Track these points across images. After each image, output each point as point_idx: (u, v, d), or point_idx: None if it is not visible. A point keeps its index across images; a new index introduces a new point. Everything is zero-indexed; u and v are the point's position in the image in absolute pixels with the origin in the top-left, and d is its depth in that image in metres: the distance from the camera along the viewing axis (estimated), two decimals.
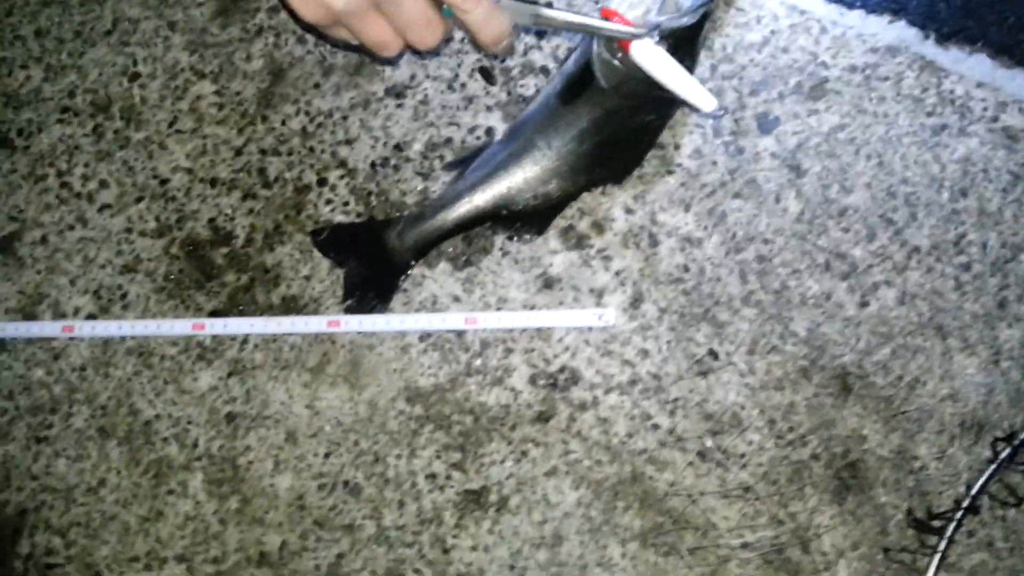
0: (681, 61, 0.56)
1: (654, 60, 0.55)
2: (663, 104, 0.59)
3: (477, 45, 0.53)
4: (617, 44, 0.56)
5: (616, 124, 0.63)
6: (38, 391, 0.69)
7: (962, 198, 0.63)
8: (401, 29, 0.49)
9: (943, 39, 0.64)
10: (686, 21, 0.57)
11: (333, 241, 0.68)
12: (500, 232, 0.67)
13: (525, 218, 0.66)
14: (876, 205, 0.64)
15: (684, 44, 0.59)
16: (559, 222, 0.66)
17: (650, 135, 0.64)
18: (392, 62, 0.67)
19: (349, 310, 0.67)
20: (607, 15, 0.55)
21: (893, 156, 0.64)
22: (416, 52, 0.52)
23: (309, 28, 0.58)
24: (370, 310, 0.66)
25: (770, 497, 0.63)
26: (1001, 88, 0.64)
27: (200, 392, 0.68)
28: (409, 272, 0.66)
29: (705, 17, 0.59)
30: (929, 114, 0.64)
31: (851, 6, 0.65)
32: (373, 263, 0.67)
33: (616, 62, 0.57)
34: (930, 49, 0.64)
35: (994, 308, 0.63)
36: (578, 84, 0.62)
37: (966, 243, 0.63)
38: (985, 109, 0.64)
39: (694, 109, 0.56)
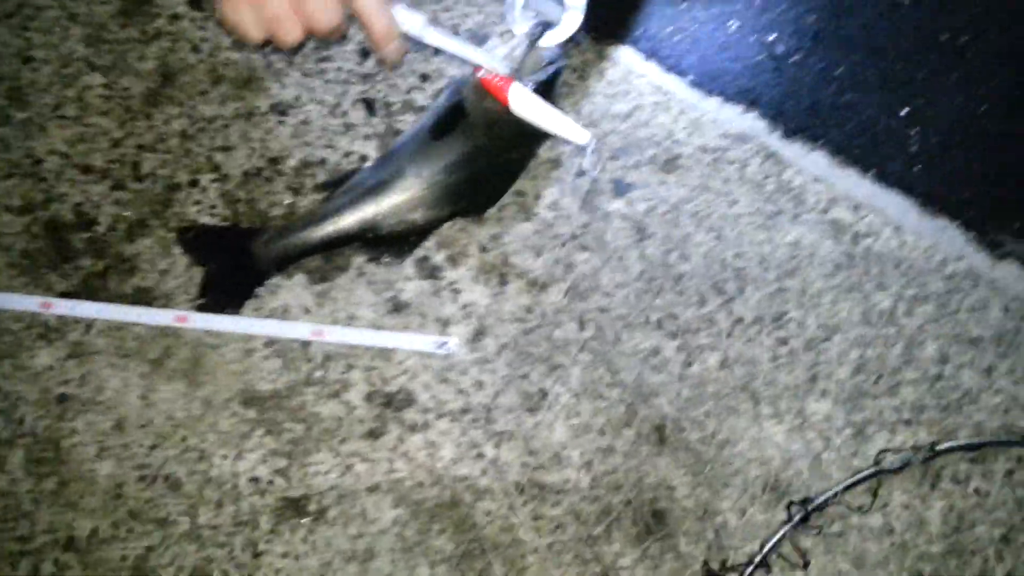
0: None
1: (531, 106, 0.97)
2: (527, 143, 1.00)
3: (370, 43, 0.92)
4: (491, 96, 0.98)
5: (484, 160, 1.03)
6: None
7: (788, 278, 1.05)
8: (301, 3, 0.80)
9: (789, 134, 1.08)
10: (543, 75, 1.00)
11: (198, 240, 1.06)
12: (363, 254, 1.06)
13: (389, 243, 1.06)
14: (709, 275, 1.05)
15: (541, 94, 1.01)
16: (416, 251, 1.06)
17: (513, 171, 1.04)
18: (294, 51, 1.07)
19: (202, 308, 1.05)
20: (484, 79, 0.97)
21: (730, 232, 1.06)
22: (319, 39, 0.89)
23: None
24: (222, 311, 1.05)
25: (579, 534, 1.01)
26: (835, 184, 1.07)
27: (36, 370, 1.05)
28: (268, 282, 1.05)
29: (558, 74, 1.02)
30: (767, 199, 1.06)
31: (710, 93, 1.08)
32: (234, 267, 1.05)
33: (487, 105, 0.99)
34: (776, 141, 1.08)
35: (804, 382, 1.03)
36: (450, 120, 1.03)
37: (786, 319, 1.04)
38: (818, 201, 1.07)
39: (573, 143, 0.97)
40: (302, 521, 0.95)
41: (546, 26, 0.97)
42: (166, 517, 0.96)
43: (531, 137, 0.94)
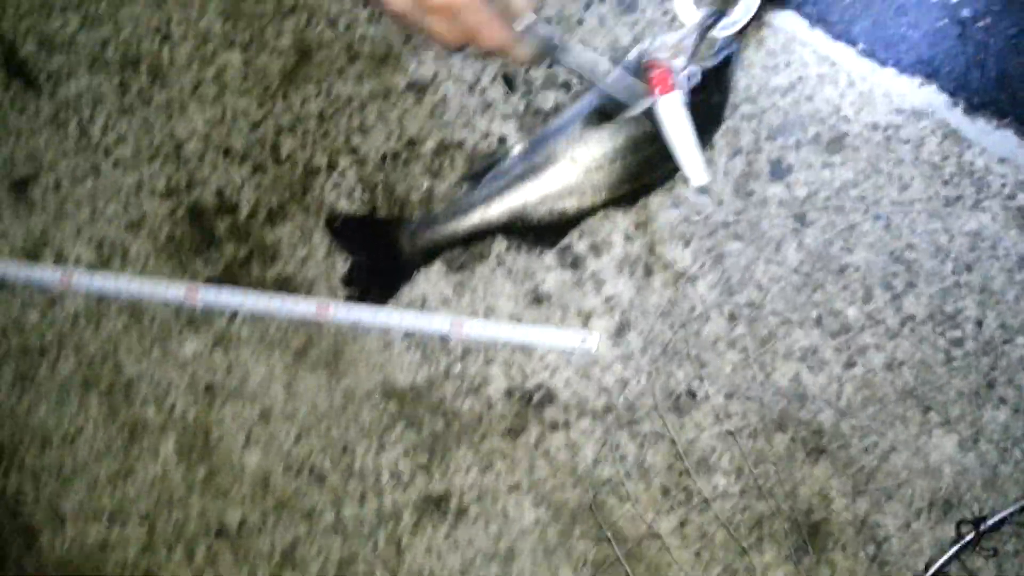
0: (710, 98, 0.89)
1: (674, 116, 0.87)
2: (700, 133, 0.90)
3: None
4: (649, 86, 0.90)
5: (648, 149, 0.95)
6: (31, 334, 1.08)
7: (965, 272, 0.95)
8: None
9: (972, 109, 0.96)
10: (711, 63, 0.90)
11: (347, 230, 1.03)
12: (504, 241, 1.02)
13: (537, 231, 1.01)
14: (877, 267, 0.96)
15: (712, 84, 0.91)
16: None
17: (676, 163, 0.97)
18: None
19: (350, 299, 1.03)
20: (652, 66, 0.89)
21: (902, 220, 0.96)
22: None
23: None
24: (370, 303, 1.02)
25: (728, 545, 0.96)
26: (1023, 167, 0.96)
27: (184, 358, 1.06)
28: (415, 274, 1.01)
29: (729, 60, 0.93)
30: (945, 183, 0.96)
31: (883, 63, 0.97)
32: (382, 259, 1.03)
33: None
34: (957, 117, 0.96)
35: (981, 388, 0.94)
36: (616, 104, 0.96)
37: (963, 318, 0.95)
38: (1004, 186, 0.95)
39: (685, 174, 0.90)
40: (444, 518, 0.94)
41: (719, 15, 0.91)
42: (312, 509, 0.97)
43: (703, 128, 0.88)
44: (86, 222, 1.03)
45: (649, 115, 0.89)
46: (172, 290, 1.01)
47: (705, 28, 0.87)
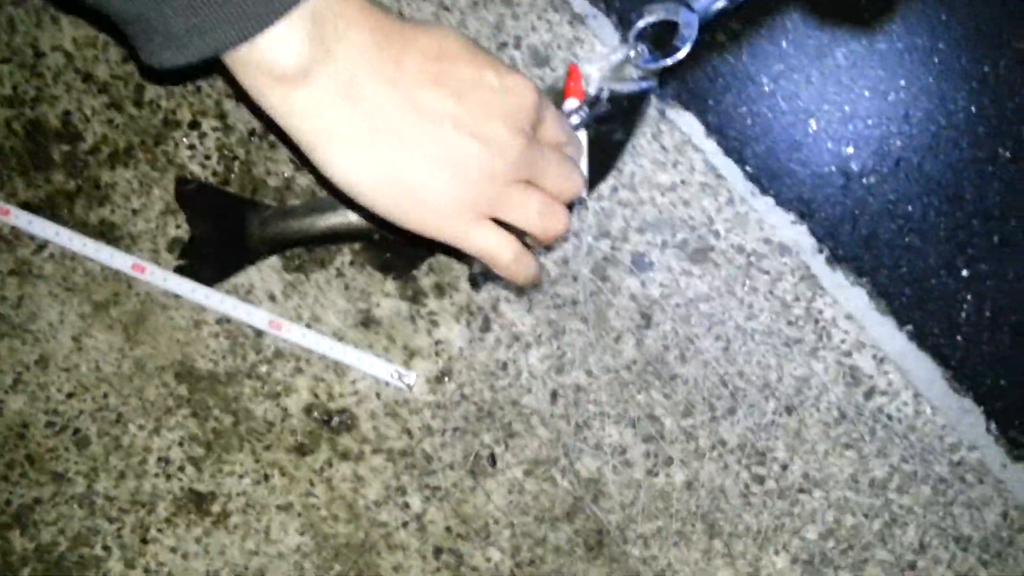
0: (617, 128, 0.90)
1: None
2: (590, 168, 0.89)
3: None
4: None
5: None
6: None
7: (785, 414, 0.97)
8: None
9: (834, 260, 0.99)
10: (625, 88, 0.89)
11: (196, 198, 0.98)
12: (357, 258, 0.98)
13: (397, 250, 0.97)
14: (704, 386, 0.97)
15: (622, 114, 0.90)
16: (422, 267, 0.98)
17: None
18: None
19: (179, 270, 0.97)
20: (573, 69, 0.88)
21: (740, 347, 0.97)
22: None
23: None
24: (201, 280, 0.97)
25: None
26: (866, 329, 0.98)
27: None
28: (257, 262, 0.96)
29: (644, 94, 0.91)
30: (790, 323, 0.98)
31: (765, 190, 0.99)
32: (226, 238, 0.98)
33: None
34: (818, 264, 0.99)
35: (769, 530, 0.95)
36: None
37: (771, 458, 0.96)
38: (843, 341, 0.98)
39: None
40: (202, 520, 0.89)
41: (649, 48, 0.88)
42: (64, 473, 0.91)
43: (596, 163, 0.89)
44: None
45: None
46: None
47: (631, 54, 0.87)
